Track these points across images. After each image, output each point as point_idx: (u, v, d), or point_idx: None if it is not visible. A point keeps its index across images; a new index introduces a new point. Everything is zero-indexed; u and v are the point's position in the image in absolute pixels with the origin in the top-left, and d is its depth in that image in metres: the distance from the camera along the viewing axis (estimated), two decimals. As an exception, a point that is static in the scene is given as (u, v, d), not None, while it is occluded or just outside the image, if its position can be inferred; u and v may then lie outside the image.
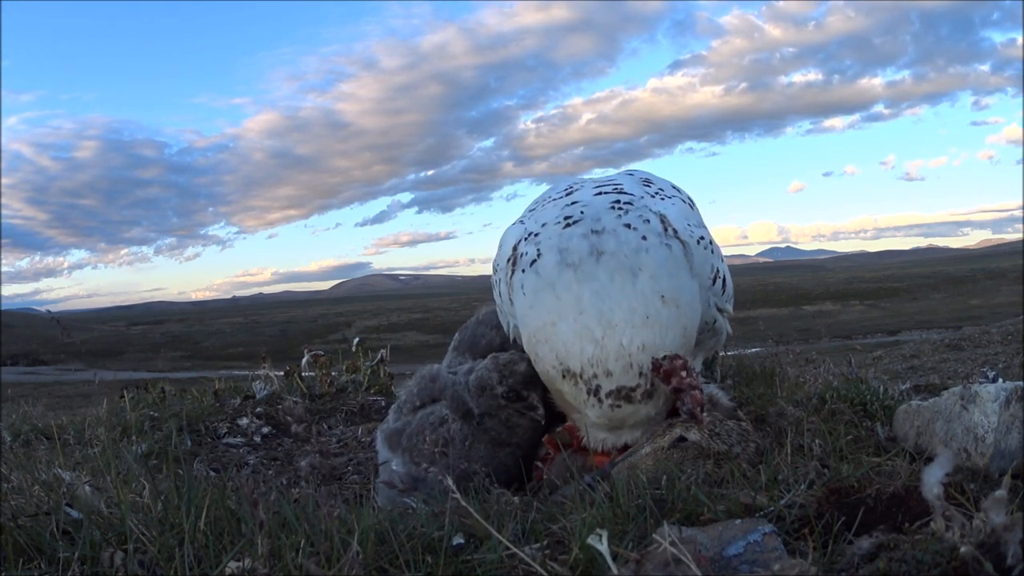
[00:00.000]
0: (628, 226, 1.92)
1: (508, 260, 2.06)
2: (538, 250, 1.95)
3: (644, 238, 1.90)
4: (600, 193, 2.07)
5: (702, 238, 2.02)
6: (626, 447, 1.96)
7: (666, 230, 1.94)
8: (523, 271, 1.97)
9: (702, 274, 1.99)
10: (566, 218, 1.98)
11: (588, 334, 1.84)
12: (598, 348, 1.83)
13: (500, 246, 2.16)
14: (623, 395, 1.85)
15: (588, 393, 1.87)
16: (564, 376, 1.90)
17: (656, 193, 2.12)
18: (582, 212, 1.98)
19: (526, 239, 2.02)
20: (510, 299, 2.06)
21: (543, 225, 2.01)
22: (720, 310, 2.13)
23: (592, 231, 1.91)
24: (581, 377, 1.86)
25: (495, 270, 2.17)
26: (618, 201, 2.01)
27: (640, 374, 1.84)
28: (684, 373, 1.78)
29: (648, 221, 1.94)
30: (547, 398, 2.10)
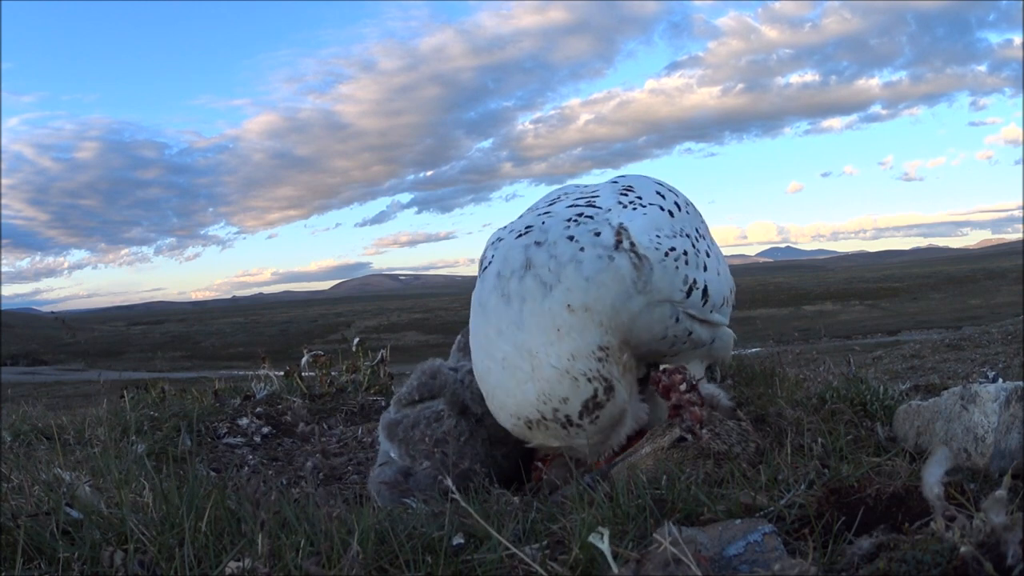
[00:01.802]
0: (571, 238, 1.89)
1: (480, 259, 2.11)
2: (492, 256, 1.99)
3: (582, 249, 1.86)
4: (573, 205, 2.05)
5: (672, 250, 1.94)
6: (626, 439, 1.95)
7: (620, 242, 1.88)
8: (479, 276, 2.02)
9: (665, 289, 1.92)
10: (527, 227, 1.99)
11: (521, 375, 1.82)
12: (537, 384, 1.81)
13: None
14: (591, 406, 1.82)
15: (564, 427, 1.84)
16: (531, 428, 1.87)
17: (631, 202, 2.06)
18: (543, 223, 1.97)
19: (494, 243, 2.05)
20: None
21: (510, 232, 2.03)
22: (701, 321, 2.06)
23: (535, 242, 1.91)
24: (546, 419, 1.83)
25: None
26: (581, 213, 1.98)
27: (589, 380, 1.81)
28: (683, 387, 1.76)
29: (598, 234, 1.89)
30: None
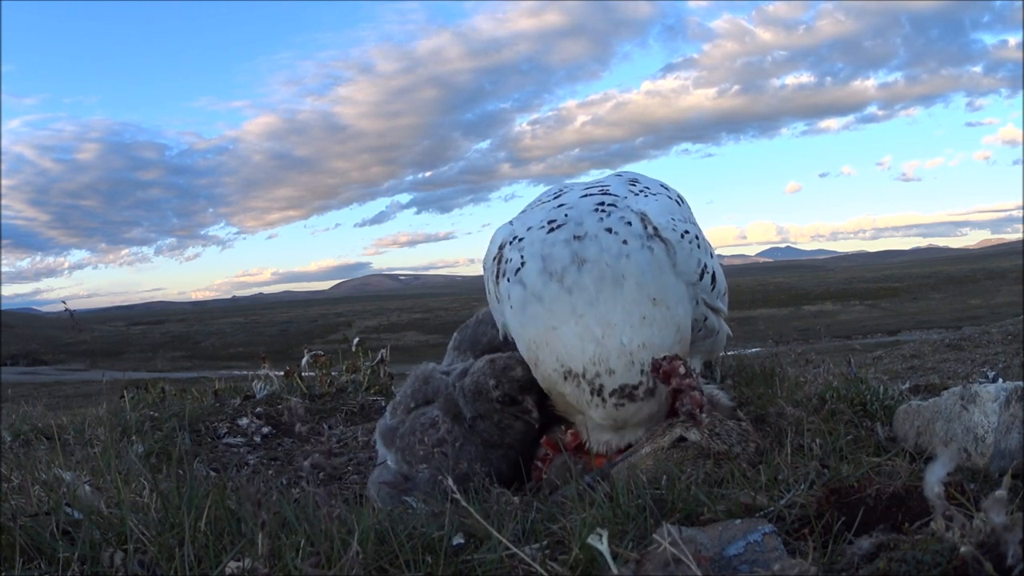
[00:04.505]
0: (609, 230, 1.94)
1: (493, 259, 2.10)
2: (522, 257, 1.97)
3: (625, 242, 1.92)
4: (586, 195, 2.09)
5: (686, 232, 2.02)
6: (629, 447, 1.96)
7: (646, 228, 1.96)
8: (508, 280, 2.00)
9: (687, 271, 2.00)
10: (550, 222, 2.00)
11: (589, 334, 1.87)
12: (599, 347, 1.86)
13: (489, 243, 2.18)
14: (626, 393, 1.87)
15: (592, 393, 1.89)
16: (566, 378, 1.92)
17: (641, 191, 2.14)
18: (566, 215, 2.01)
19: (511, 243, 2.04)
20: (496, 298, 2.10)
21: (528, 229, 2.03)
22: (712, 308, 2.14)
23: (574, 236, 1.94)
24: (584, 377, 1.88)
25: (484, 267, 2.20)
26: (602, 203, 2.03)
27: (642, 371, 1.86)
28: (683, 372, 1.79)
29: (630, 223, 1.96)
30: (545, 403, 2.11)
